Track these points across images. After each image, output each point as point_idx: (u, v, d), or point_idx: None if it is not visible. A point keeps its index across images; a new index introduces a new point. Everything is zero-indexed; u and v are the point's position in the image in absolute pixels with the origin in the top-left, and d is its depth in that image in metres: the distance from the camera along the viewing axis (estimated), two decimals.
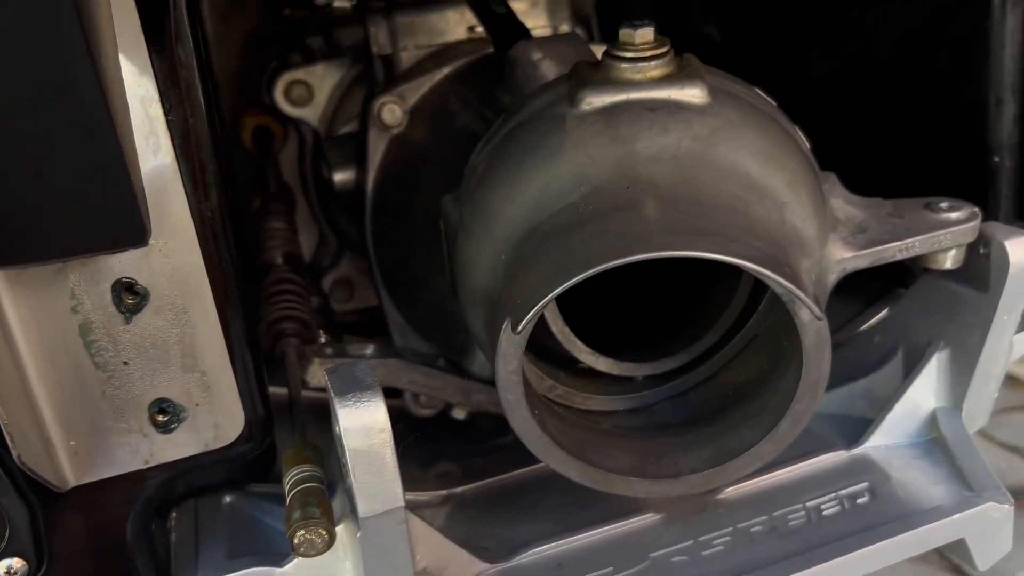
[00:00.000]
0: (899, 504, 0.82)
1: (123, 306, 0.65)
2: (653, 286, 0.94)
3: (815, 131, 0.84)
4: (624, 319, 0.95)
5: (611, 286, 0.97)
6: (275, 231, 1.05)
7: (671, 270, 0.93)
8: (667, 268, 0.93)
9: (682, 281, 0.92)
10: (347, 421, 0.65)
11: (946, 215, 0.81)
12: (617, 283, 0.97)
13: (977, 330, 0.85)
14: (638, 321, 0.94)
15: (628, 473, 0.75)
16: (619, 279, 0.97)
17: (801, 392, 0.70)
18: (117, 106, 0.58)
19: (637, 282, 0.96)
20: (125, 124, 0.60)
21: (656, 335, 0.90)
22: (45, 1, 0.51)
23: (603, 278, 0.78)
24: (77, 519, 0.70)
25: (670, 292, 0.93)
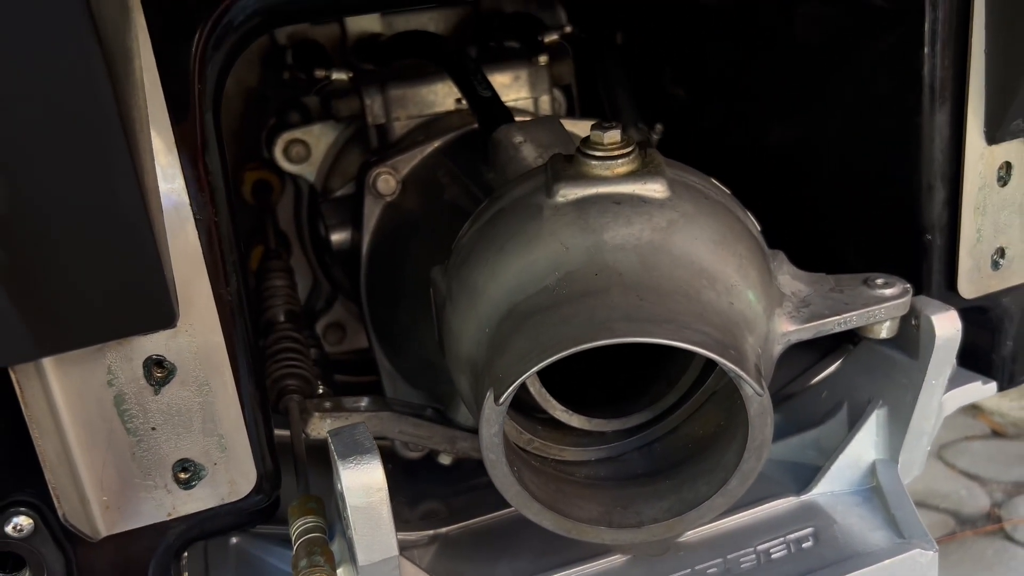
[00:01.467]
0: (839, 549, 0.91)
1: (153, 379, 0.74)
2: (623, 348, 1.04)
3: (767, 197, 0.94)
4: (596, 377, 1.05)
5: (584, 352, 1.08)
6: (277, 289, 1.14)
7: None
8: None
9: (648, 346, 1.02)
10: (348, 481, 0.75)
11: (881, 291, 0.91)
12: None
13: (910, 391, 0.95)
14: (609, 379, 1.04)
15: (596, 523, 0.85)
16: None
17: (748, 454, 0.80)
18: (153, 211, 0.68)
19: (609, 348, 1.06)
20: (159, 224, 0.70)
21: (625, 392, 1.00)
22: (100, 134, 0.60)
23: None
24: (106, 565, 0.79)
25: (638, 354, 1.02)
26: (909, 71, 0.96)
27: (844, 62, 1.05)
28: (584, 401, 0.96)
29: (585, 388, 1.00)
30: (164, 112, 0.69)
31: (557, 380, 0.93)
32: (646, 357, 1.02)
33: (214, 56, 0.71)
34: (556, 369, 0.94)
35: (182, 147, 0.70)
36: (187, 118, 0.70)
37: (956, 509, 2.10)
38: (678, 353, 0.98)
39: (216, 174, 0.73)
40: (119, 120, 0.60)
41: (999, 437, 2.41)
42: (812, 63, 1.11)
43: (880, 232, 1.05)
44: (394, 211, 1.15)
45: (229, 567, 0.92)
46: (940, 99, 0.95)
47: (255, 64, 1.50)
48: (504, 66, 1.29)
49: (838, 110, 1.07)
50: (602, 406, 0.98)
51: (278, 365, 0.99)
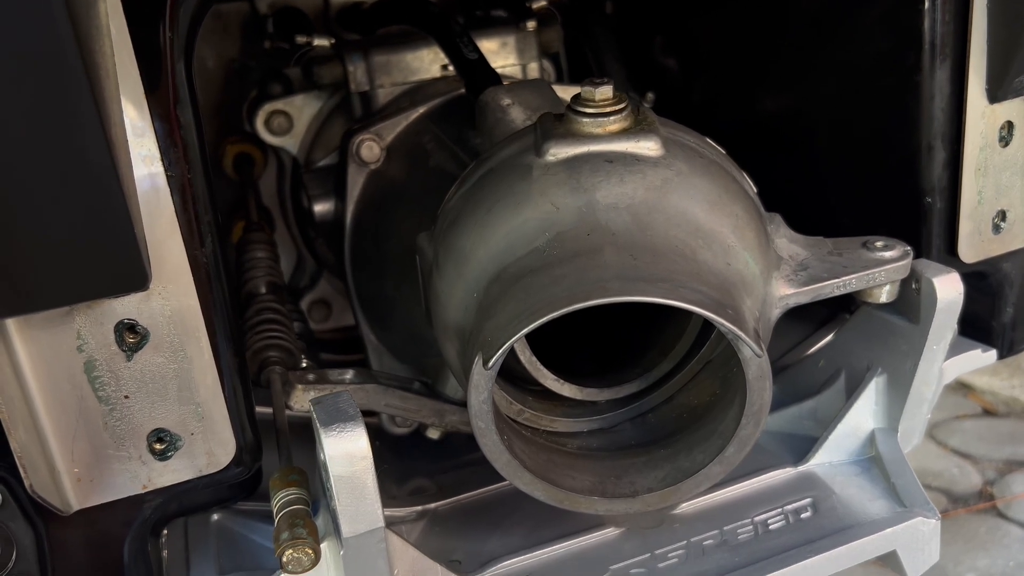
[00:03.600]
0: (839, 519, 0.89)
1: (125, 345, 0.71)
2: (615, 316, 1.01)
3: (763, 164, 0.91)
4: (588, 346, 1.02)
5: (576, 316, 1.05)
6: (258, 260, 1.10)
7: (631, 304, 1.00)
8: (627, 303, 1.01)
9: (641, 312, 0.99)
10: (332, 450, 0.72)
11: (880, 254, 0.89)
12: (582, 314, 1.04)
13: (910, 358, 0.92)
14: (601, 348, 1.01)
15: (589, 493, 0.82)
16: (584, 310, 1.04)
17: (745, 419, 0.77)
18: (122, 166, 0.64)
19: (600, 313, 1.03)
20: (129, 181, 0.66)
21: (617, 361, 0.97)
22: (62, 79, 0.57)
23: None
24: (79, 540, 0.75)
25: (630, 322, 1.00)
26: (909, 28, 0.93)
27: (842, 21, 1.02)
28: (576, 371, 0.93)
29: (576, 358, 0.97)
30: (132, 60, 0.65)
31: (547, 349, 0.90)
32: (639, 324, 0.99)
33: (186, 0, 0.67)
34: (546, 338, 0.91)
35: (152, 98, 0.66)
36: (157, 67, 0.66)
37: (948, 488, 2.09)
38: (672, 320, 0.96)
39: (189, 128, 0.69)
40: (82, 65, 0.57)
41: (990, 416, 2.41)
42: (808, 24, 1.08)
43: (878, 196, 1.02)
44: (378, 179, 1.11)
45: (210, 545, 0.88)
46: (940, 56, 0.92)
47: (236, 35, 1.46)
48: (491, 32, 1.25)
49: (835, 71, 1.04)
50: (594, 376, 0.95)
51: (259, 336, 0.96)
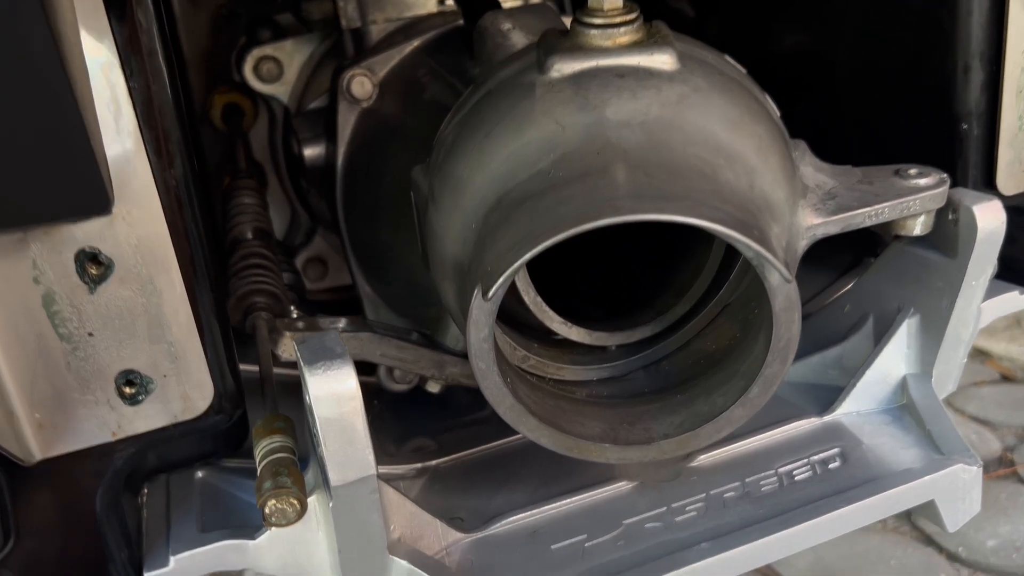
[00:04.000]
0: (870, 468, 0.82)
1: (87, 276, 0.64)
2: (625, 256, 0.94)
3: (785, 102, 0.84)
4: (597, 289, 0.95)
5: (583, 255, 0.98)
6: (244, 206, 1.04)
7: (643, 238, 0.93)
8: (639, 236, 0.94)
9: (654, 250, 0.92)
10: (317, 390, 0.65)
11: (915, 181, 0.82)
12: (589, 252, 0.98)
13: (946, 296, 0.85)
14: (611, 291, 0.94)
15: (600, 439, 0.76)
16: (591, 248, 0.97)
17: (771, 356, 0.71)
18: (76, 72, 0.57)
19: (609, 251, 0.96)
20: (85, 90, 0.59)
21: (628, 305, 0.91)
22: None
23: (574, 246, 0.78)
24: (45, 494, 0.69)
25: (642, 262, 0.93)
26: None
27: None
28: (584, 316, 0.86)
29: (585, 303, 0.90)
30: None
31: (554, 294, 0.83)
32: (652, 264, 0.92)
33: None
34: (552, 280, 0.84)
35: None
36: None
37: None
38: (688, 259, 0.89)
39: (152, 33, 0.62)
40: None
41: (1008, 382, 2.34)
42: None
43: (910, 124, 0.95)
44: (371, 117, 1.04)
45: (193, 502, 0.82)
46: None
47: None
48: None
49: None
50: (604, 321, 0.88)
51: (244, 281, 0.89)
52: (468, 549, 0.80)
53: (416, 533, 0.78)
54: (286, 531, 0.75)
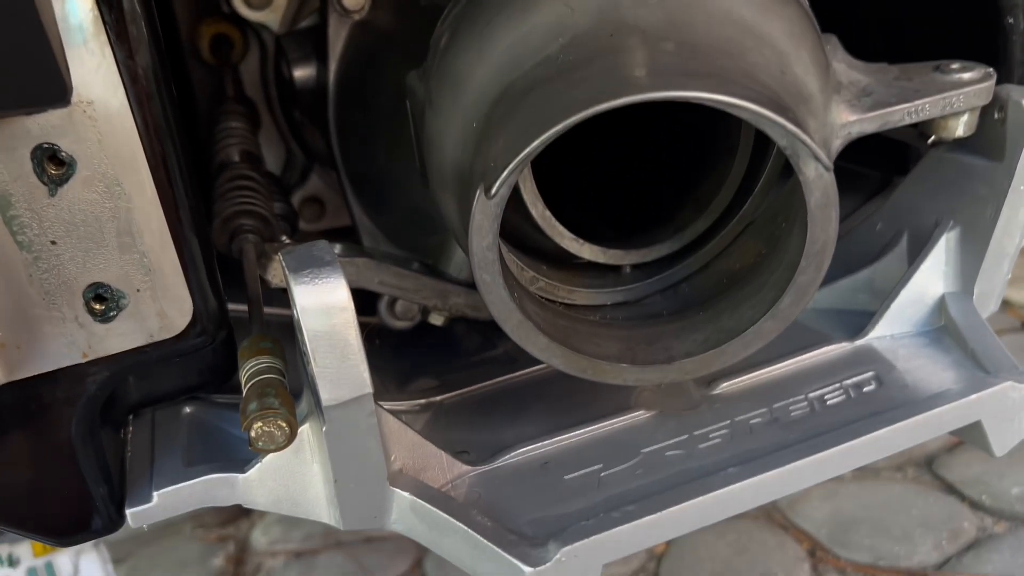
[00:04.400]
0: (909, 390, 0.76)
1: (46, 176, 0.57)
2: (640, 169, 0.88)
3: None
4: (610, 209, 0.88)
5: (595, 172, 0.91)
6: (232, 130, 0.97)
7: (658, 150, 0.86)
8: (654, 148, 0.87)
9: (672, 161, 0.85)
10: (304, 300, 0.59)
11: (958, 76, 0.75)
12: (601, 169, 0.91)
13: (990, 204, 0.78)
14: (626, 209, 0.87)
15: (616, 359, 0.69)
16: (603, 164, 0.90)
17: (805, 261, 0.64)
18: None
19: (623, 165, 0.89)
20: None
21: (644, 224, 0.84)
22: None
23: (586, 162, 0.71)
24: (13, 422, 0.63)
25: (659, 175, 0.86)
26: None
27: None
28: (598, 236, 0.80)
29: (599, 224, 0.84)
30: None
31: (566, 213, 0.77)
32: (670, 175, 0.85)
33: None
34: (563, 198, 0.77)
35: None
36: None
37: None
38: (709, 170, 0.82)
39: None
40: None
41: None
42: None
43: (948, 17, 0.87)
44: (364, 30, 0.97)
45: (179, 436, 0.76)
46: None
47: None
48: None
49: None
50: (619, 240, 0.81)
51: (230, 203, 0.83)
52: (475, 482, 0.74)
53: (419, 465, 0.72)
54: (278, 463, 0.69)
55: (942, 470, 1.79)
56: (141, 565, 1.79)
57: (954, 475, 1.77)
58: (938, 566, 1.54)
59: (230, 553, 1.82)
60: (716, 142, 0.79)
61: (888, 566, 1.57)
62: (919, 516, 1.68)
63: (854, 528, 1.67)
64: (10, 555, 1.18)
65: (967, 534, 1.62)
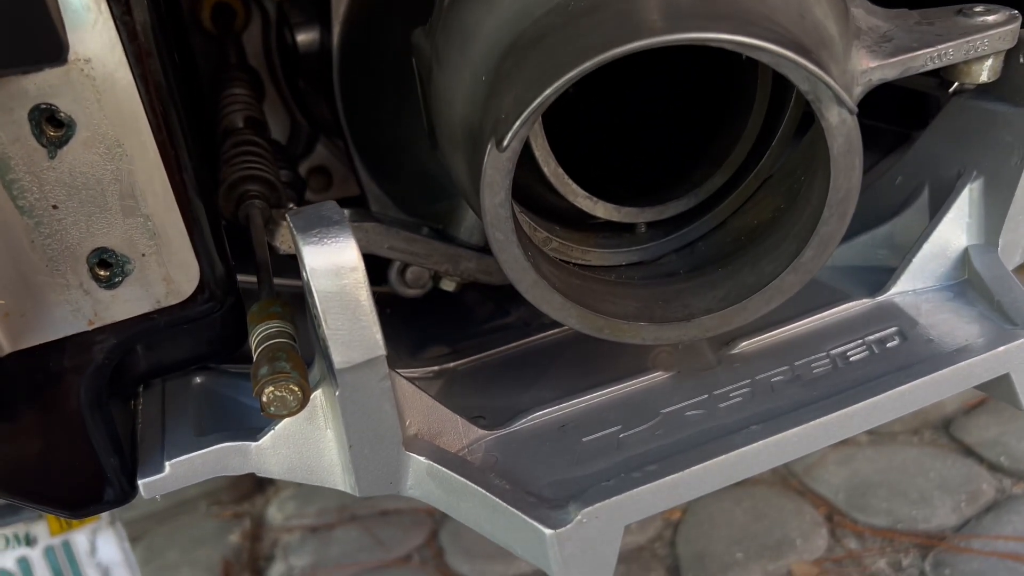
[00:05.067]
0: (934, 344, 0.74)
1: (45, 138, 0.56)
2: (653, 129, 0.85)
3: None
4: (624, 167, 0.86)
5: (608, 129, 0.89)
6: (235, 96, 0.95)
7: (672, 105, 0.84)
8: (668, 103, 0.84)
9: (685, 120, 0.83)
10: (313, 261, 0.57)
11: (982, 19, 0.72)
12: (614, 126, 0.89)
13: (1016, 152, 0.76)
14: (639, 169, 0.85)
15: (634, 318, 0.68)
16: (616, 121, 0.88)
17: (828, 211, 0.62)
18: None
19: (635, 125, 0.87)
20: None
21: (659, 181, 0.82)
22: None
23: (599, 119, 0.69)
24: (19, 391, 0.62)
25: (672, 134, 0.84)
26: None
27: None
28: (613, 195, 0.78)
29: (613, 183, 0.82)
30: None
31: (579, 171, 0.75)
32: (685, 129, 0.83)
33: None
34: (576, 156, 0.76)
35: None
36: None
37: None
38: (724, 123, 0.80)
39: None
40: None
41: None
42: None
43: None
44: None
45: (191, 406, 0.75)
46: None
47: None
48: None
49: None
50: (634, 198, 0.80)
51: (235, 168, 0.81)
52: (493, 446, 0.72)
53: (435, 430, 0.70)
54: (291, 430, 0.68)
55: (960, 432, 1.77)
56: (157, 543, 1.79)
57: (972, 437, 1.75)
58: (957, 528, 1.53)
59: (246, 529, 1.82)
60: (731, 95, 0.77)
61: (906, 529, 1.55)
62: (937, 479, 1.67)
63: (871, 492, 1.65)
64: (27, 534, 1.18)
65: (986, 496, 1.61)
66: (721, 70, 0.76)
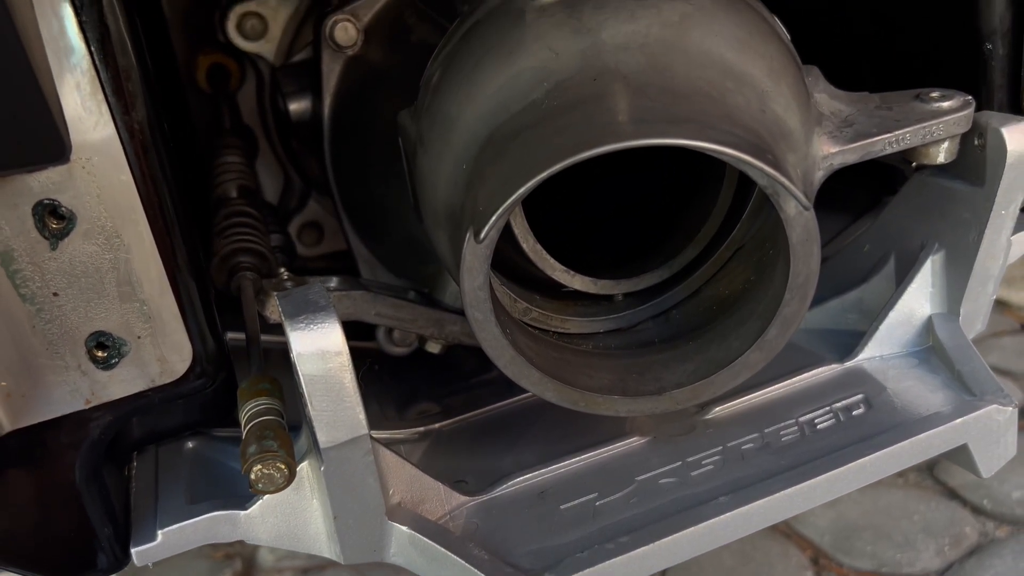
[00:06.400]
0: (897, 413, 0.78)
1: (47, 231, 0.59)
2: (629, 200, 0.89)
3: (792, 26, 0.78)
4: (601, 237, 0.90)
5: (585, 202, 0.92)
6: (228, 165, 0.99)
7: (647, 178, 0.88)
8: (643, 178, 0.88)
9: (659, 192, 0.87)
10: (300, 345, 0.60)
11: (938, 104, 0.76)
12: (591, 199, 0.92)
13: (973, 228, 0.80)
14: (615, 238, 0.89)
15: (608, 391, 0.71)
16: (593, 194, 0.92)
17: (789, 294, 0.66)
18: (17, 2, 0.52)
19: (612, 196, 0.91)
20: (29, 24, 0.54)
21: (635, 253, 0.86)
22: None
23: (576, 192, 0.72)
24: (19, 466, 0.65)
25: (648, 205, 0.88)
26: None
27: None
28: (589, 265, 0.81)
29: (589, 253, 0.85)
30: None
31: (556, 243, 0.78)
32: (657, 207, 0.87)
33: None
34: (553, 229, 0.79)
35: None
36: None
37: None
38: (696, 199, 0.84)
39: None
40: None
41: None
42: None
43: (929, 44, 0.89)
44: (357, 66, 0.99)
45: (182, 472, 0.78)
46: None
47: None
48: None
49: None
50: (609, 269, 0.83)
51: (228, 240, 0.85)
52: (473, 512, 0.75)
53: (417, 497, 0.73)
54: (279, 500, 0.71)
55: (943, 475, 1.80)
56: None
57: (955, 480, 1.78)
58: (941, 572, 1.55)
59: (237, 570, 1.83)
60: (703, 171, 0.81)
61: (891, 572, 1.58)
62: (921, 522, 1.69)
63: (856, 535, 1.68)
64: None
65: (969, 539, 1.63)
66: (692, 153, 0.80)
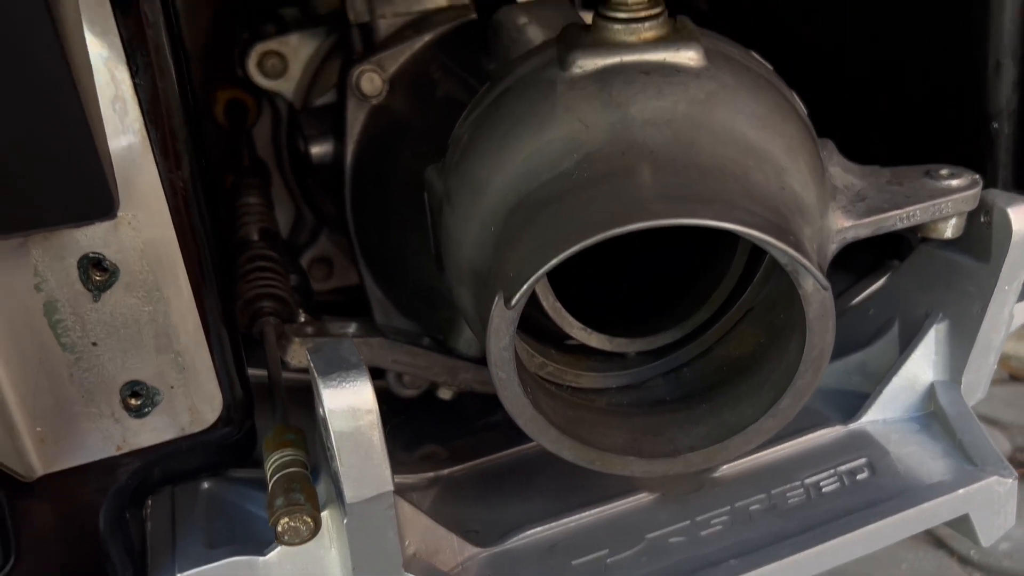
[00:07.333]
0: (900, 479, 0.80)
1: (91, 283, 0.61)
2: (645, 260, 0.91)
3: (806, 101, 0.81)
4: (616, 295, 0.92)
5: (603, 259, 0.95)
6: (250, 207, 1.01)
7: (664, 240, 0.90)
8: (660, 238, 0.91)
9: (675, 253, 0.89)
10: (332, 402, 0.62)
11: (947, 182, 0.79)
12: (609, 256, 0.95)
13: (977, 301, 0.83)
14: (630, 297, 0.91)
15: (623, 452, 0.73)
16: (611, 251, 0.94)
17: (804, 366, 0.68)
18: (79, 68, 0.54)
19: (629, 255, 0.93)
20: (89, 87, 0.56)
21: (649, 311, 0.88)
22: None
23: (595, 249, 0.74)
24: (46, 510, 0.66)
25: (662, 266, 0.90)
26: None
27: None
28: (603, 322, 0.83)
29: (603, 309, 0.87)
30: None
31: (571, 299, 0.80)
32: (672, 269, 0.89)
33: None
34: (570, 285, 0.81)
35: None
36: None
37: None
38: (710, 263, 0.86)
39: (159, 27, 0.59)
40: None
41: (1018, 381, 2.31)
42: None
43: (938, 122, 0.92)
44: (381, 115, 1.01)
45: (199, 515, 0.79)
46: None
47: None
48: None
49: None
50: (624, 327, 0.85)
51: (251, 285, 0.86)
52: (484, 564, 0.77)
53: (431, 548, 0.75)
54: (298, 548, 0.72)
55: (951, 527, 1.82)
56: None
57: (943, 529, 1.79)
58: None
59: None
60: (720, 237, 0.83)
61: None
62: (908, 571, 1.71)
63: None
64: None
65: None
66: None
